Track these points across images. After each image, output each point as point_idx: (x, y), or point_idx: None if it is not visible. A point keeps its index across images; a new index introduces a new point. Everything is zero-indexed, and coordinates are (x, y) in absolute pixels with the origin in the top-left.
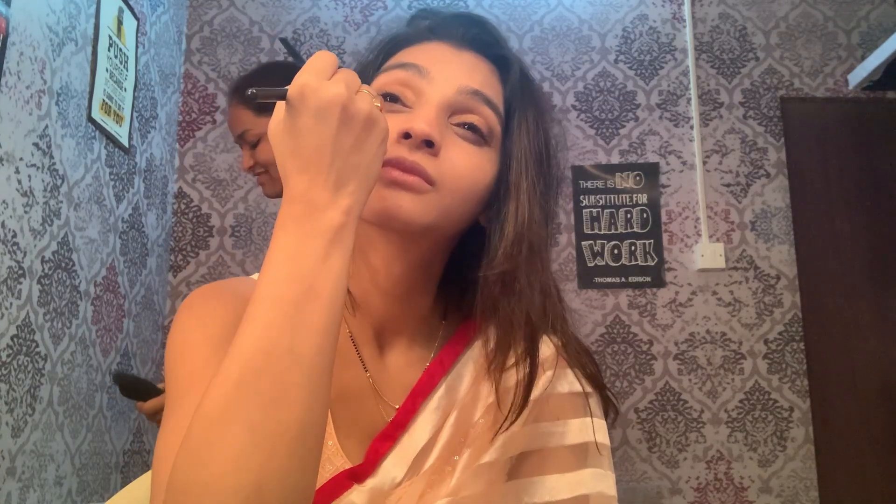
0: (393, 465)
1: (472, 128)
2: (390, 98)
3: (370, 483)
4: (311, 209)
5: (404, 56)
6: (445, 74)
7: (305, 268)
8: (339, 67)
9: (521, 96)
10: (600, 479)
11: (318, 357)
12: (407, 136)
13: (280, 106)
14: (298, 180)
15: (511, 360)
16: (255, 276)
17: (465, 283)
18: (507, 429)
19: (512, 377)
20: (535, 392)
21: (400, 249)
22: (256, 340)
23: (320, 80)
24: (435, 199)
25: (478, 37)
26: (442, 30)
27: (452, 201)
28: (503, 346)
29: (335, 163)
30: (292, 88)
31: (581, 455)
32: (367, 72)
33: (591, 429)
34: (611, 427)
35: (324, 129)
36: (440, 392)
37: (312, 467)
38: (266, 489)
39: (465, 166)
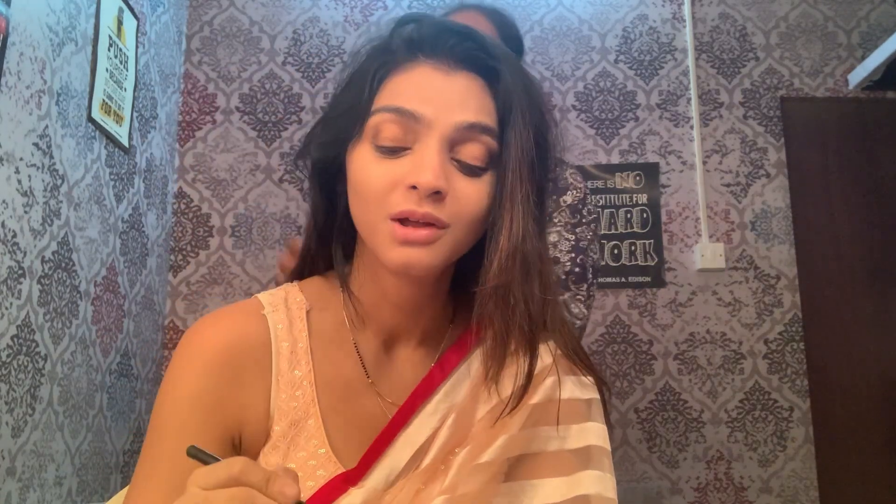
0: (389, 464)
1: (471, 166)
2: (388, 150)
3: (365, 484)
4: None
5: (395, 91)
6: (440, 113)
7: None
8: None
9: (511, 103)
10: (600, 481)
11: None
12: (415, 186)
13: None
14: None
15: (509, 367)
16: (260, 294)
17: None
18: (507, 414)
19: (511, 374)
20: (536, 398)
21: (412, 279)
22: None
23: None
24: (448, 241)
25: (466, 52)
26: (429, 47)
27: (464, 235)
28: (499, 357)
29: None
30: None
31: (582, 458)
32: (361, 104)
33: (591, 433)
34: (609, 424)
35: None
36: (439, 396)
37: None
38: None
39: (472, 200)
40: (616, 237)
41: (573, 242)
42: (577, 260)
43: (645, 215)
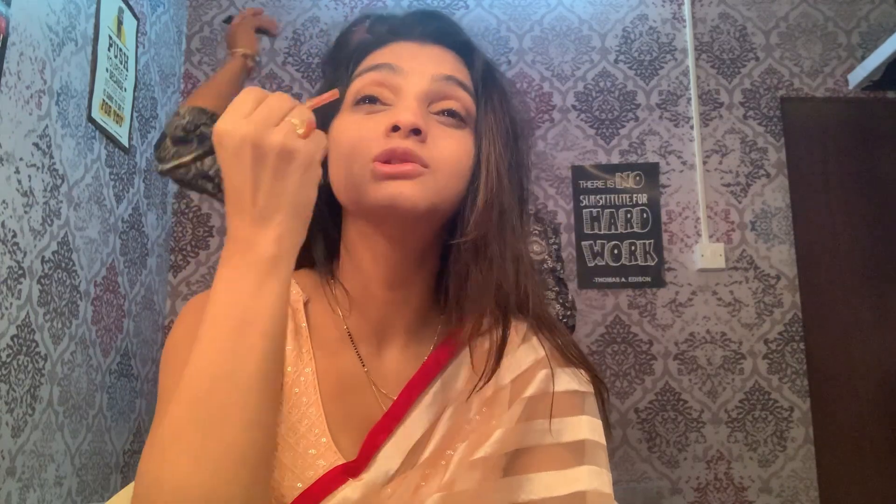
0: (387, 458)
1: (451, 113)
2: (369, 100)
3: (364, 477)
4: (242, 246)
5: (374, 59)
6: (417, 68)
7: (241, 300)
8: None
9: (485, 78)
10: (596, 477)
11: (259, 381)
12: (395, 128)
13: None
14: (231, 220)
15: (485, 327)
16: None
17: None
18: (480, 388)
19: (486, 342)
20: (530, 390)
21: (398, 243)
22: (203, 366)
23: (235, 121)
24: (431, 181)
25: (438, 30)
26: (403, 30)
27: (446, 182)
28: (472, 311)
29: (257, 198)
30: (214, 136)
31: (577, 453)
32: (341, 80)
33: (586, 427)
34: (609, 422)
35: (240, 168)
36: (435, 387)
37: (257, 489)
38: None
39: (452, 149)
40: (616, 237)
41: (556, 249)
42: (559, 267)
43: (645, 215)
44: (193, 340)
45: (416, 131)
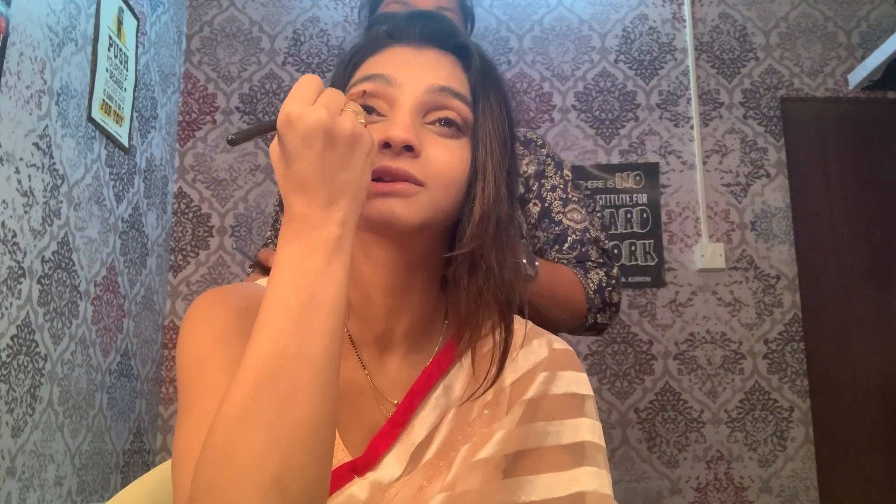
0: (392, 461)
1: (447, 122)
2: (365, 110)
3: (371, 476)
4: (310, 225)
5: (370, 67)
6: (411, 77)
7: (309, 277)
8: (325, 88)
9: (483, 81)
10: (596, 478)
11: (327, 358)
12: (387, 145)
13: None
14: (296, 200)
15: (484, 331)
16: (259, 280)
17: None
18: (481, 394)
19: (486, 347)
20: (530, 393)
21: (397, 251)
22: (269, 346)
23: (304, 106)
24: (425, 197)
25: (435, 32)
26: (400, 33)
27: (442, 197)
28: (470, 321)
29: (325, 181)
30: (280, 118)
31: (577, 454)
32: (338, 88)
33: (586, 429)
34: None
35: (311, 152)
36: (437, 392)
37: (327, 459)
38: (287, 482)
39: (447, 161)
40: (616, 237)
41: (601, 218)
42: (604, 237)
43: (645, 215)
44: (218, 334)
45: (409, 147)
